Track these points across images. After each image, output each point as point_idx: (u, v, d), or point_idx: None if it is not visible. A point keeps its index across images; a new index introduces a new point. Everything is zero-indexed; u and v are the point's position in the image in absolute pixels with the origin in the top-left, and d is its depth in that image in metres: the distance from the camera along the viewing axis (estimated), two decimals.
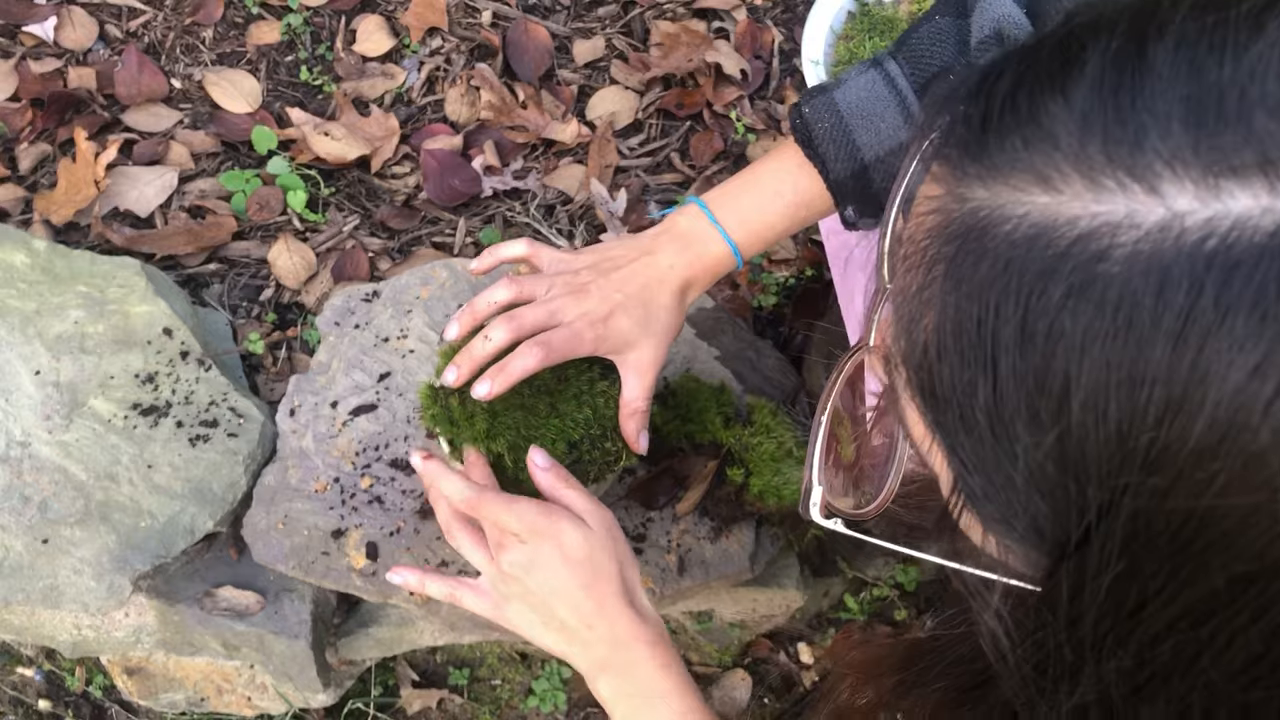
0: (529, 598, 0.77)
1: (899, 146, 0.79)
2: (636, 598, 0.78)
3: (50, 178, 1.32)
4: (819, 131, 0.82)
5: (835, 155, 0.81)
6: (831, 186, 0.82)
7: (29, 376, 1.11)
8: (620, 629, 0.75)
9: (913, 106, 0.79)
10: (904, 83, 0.79)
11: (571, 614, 0.76)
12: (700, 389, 1.10)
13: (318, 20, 1.46)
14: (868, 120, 0.80)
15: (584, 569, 0.76)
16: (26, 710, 1.44)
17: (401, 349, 1.15)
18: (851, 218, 0.84)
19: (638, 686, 0.75)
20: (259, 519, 1.07)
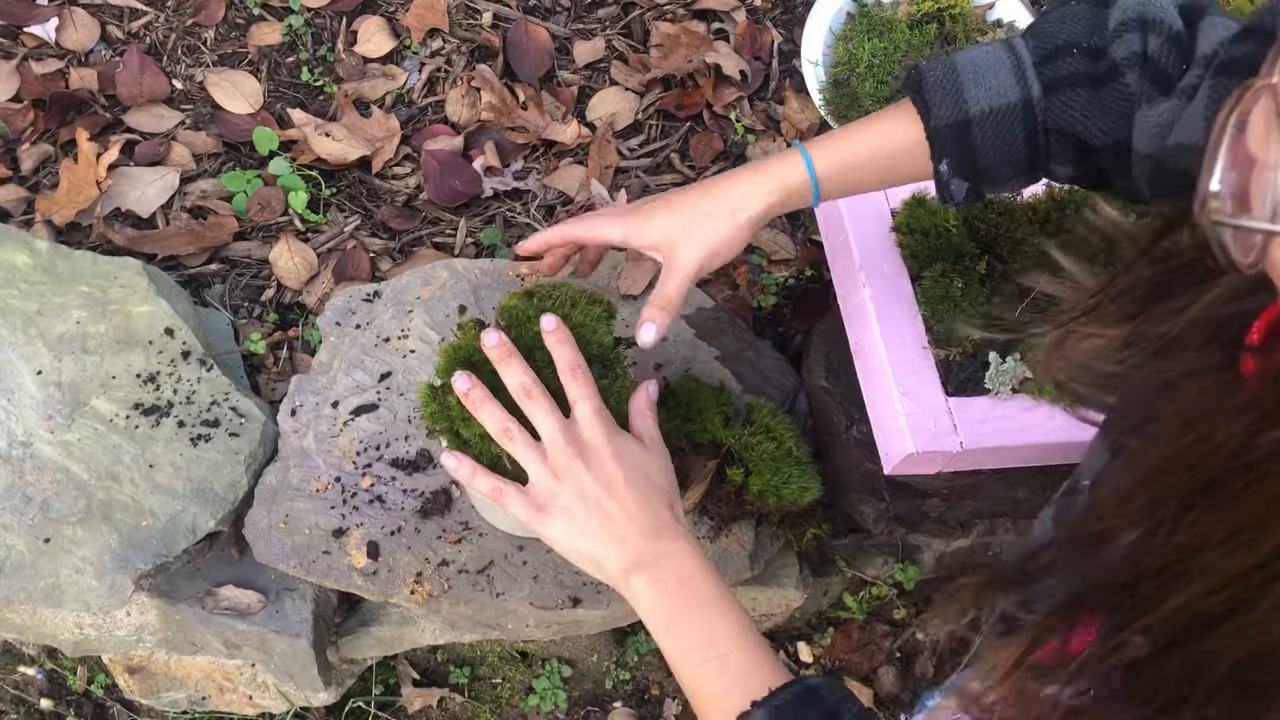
0: (580, 489, 0.79)
1: (1007, 108, 0.79)
2: (679, 516, 0.81)
3: (52, 178, 1.32)
4: (930, 79, 0.82)
5: (940, 101, 0.81)
6: (931, 133, 0.82)
7: (31, 376, 1.11)
8: (664, 529, 0.78)
9: (1028, 73, 0.79)
10: (1025, 52, 0.80)
11: (617, 507, 0.78)
12: (700, 389, 1.10)
13: (319, 21, 1.46)
14: (979, 75, 0.80)
15: (636, 474, 0.80)
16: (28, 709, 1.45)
17: (402, 349, 1.15)
18: (945, 175, 0.83)
19: (671, 574, 0.77)
20: (260, 518, 1.07)
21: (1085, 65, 0.77)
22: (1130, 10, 0.76)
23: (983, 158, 0.81)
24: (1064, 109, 0.78)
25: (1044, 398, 1.06)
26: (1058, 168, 0.82)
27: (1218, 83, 0.66)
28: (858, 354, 1.12)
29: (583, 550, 0.79)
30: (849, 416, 1.14)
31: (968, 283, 1.09)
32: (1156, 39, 0.74)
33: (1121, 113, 0.76)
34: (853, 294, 1.12)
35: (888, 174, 0.87)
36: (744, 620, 0.76)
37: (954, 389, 1.06)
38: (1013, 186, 0.85)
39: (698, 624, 0.75)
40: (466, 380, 0.85)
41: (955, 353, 1.07)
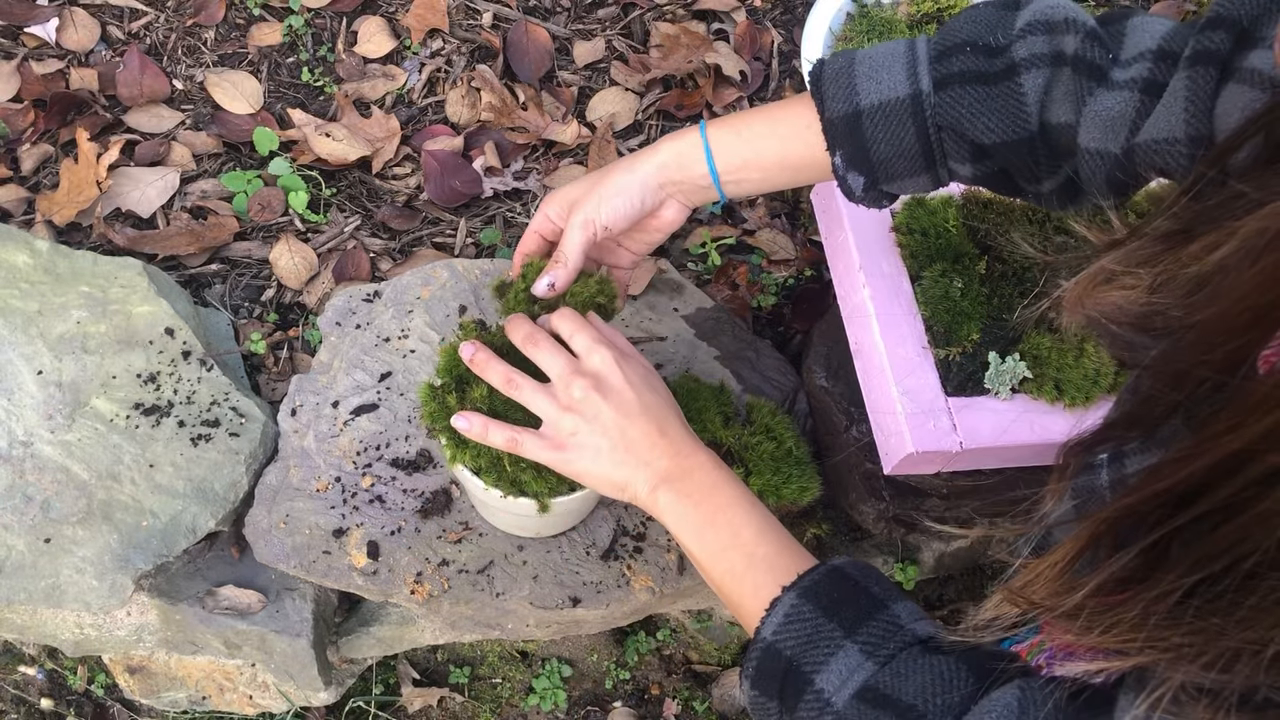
0: (599, 420, 0.82)
1: (896, 101, 0.80)
2: (687, 426, 0.85)
3: (52, 178, 1.32)
4: (828, 71, 0.84)
5: (834, 94, 0.82)
6: (825, 125, 0.83)
7: (31, 376, 1.11)
8: (683, 444, 0.82)
9: (920, 69, 0.79)
10: (923, 49, 0.81)
11: (639, 433, 0.81)
12: (700, 389, 1.10)
13: (319, 22, 1.46)
14: (874, 69, 0.81)
15: (648, 394, 0.83)
16: (29, 709, 1.45)
17: (403, 349, 1.15)
18: (840, 169, 0.84)
19: (696, 485, 0.80)
20: (260, 518, 1.07)
21: (979, 63, 0.77)
22: (1038, 14, 0.76)
23: (875, 151, 0.82)
24: (951, 105, 0.78)
25: (1044, 398, 1.06)
26: (957, 166, 0.82)
27: (1194, 74, 0.66)
28: (857, 354, 1.12)
29: (613, 478, 0.82)
30: (849, 416, 1.14)
31: (968, 283, 1.09)
32: (1074, 38, 0.74)
33: (1010, 113, 0.76)
34: (852, 294, 1.12)
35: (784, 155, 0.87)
36: (767, 517, 0.79)
37: (954, 389, 1.06)
38: (915, 185, 0.85)
39: (724, 526, 0.78)
40: (471, 346, 0.87)
41: (955, 353, 1.07)
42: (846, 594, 0.70)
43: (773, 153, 0.87)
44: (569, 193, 0.92)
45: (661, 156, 0.89)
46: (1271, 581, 0.42)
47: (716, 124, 0.88)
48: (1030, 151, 0.77)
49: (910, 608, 0.70)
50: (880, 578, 0.73)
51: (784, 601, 0.71)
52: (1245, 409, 0.43)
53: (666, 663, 1.49)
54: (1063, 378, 1.06)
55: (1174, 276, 0.52)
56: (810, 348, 1.22)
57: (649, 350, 1.17)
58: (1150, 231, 0.56)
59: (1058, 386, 1.06)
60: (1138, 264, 0.55)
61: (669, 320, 1.20)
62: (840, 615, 0.69)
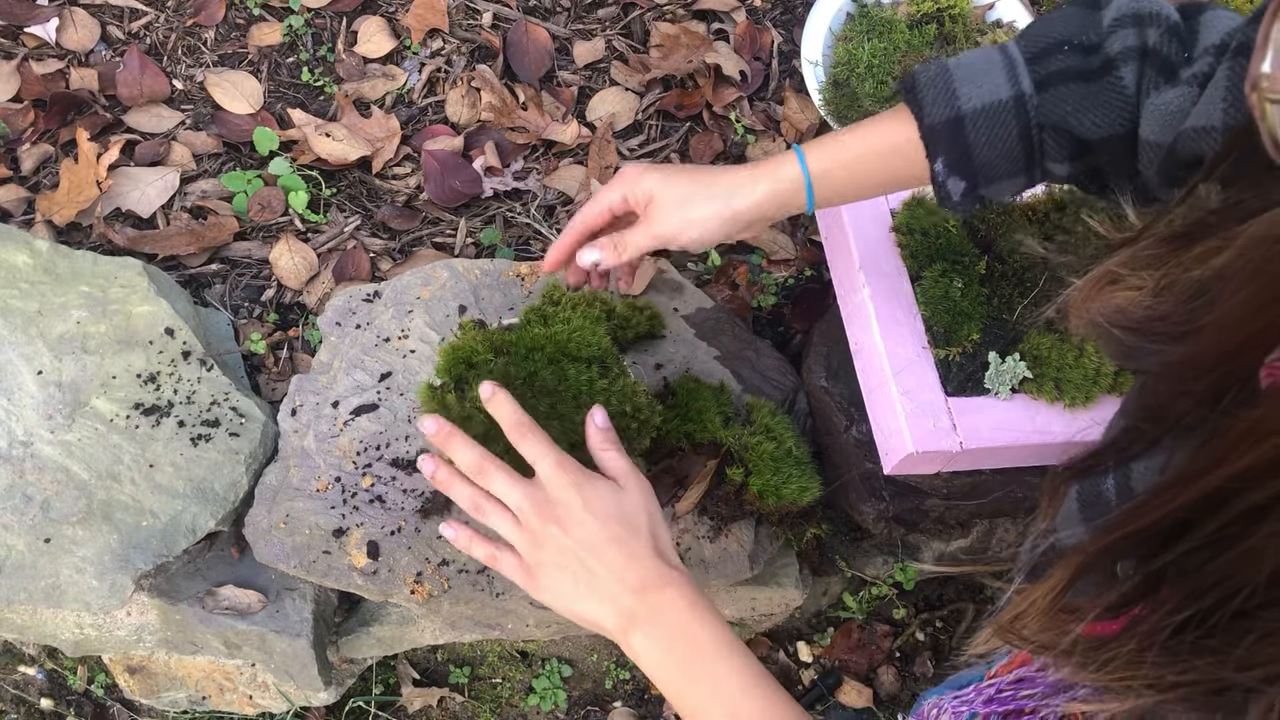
0: (562, 554, 0.77)
1: (999, 104, 0.79)
2: (666, 555, 0.79)
3: (52, 178, 1.32)
4: (922, 79, 0.83)
5: (933, 99, 0.82)
6: (925, 131, 0.83)
7: (31, 376, 1.11)
8: (650, 577, 0.76)
9: (1019, 70, 0.79)
10: (1016, 52, 0.81)
11: (603, 566, 0.76)
12: (700, 389, 1.10)
13: (319, 22, 1.46)
14: (971, 74, 0.81)
15: (615, 523, 0.78)
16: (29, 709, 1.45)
17: (403, 349, 1.15)
18: (941, 174, 0.83)
19: (666, 628, 0.75)
20: (260, 518, 1.07)
21: (1078, 60, 0.78)
22: (1124, 8, 0.77)
23: (978, 155, 0.82)
24: (1056, 104, 0.78)
25: (1044, 398, 1.06)
26: (1054, 165, 0.82)
27: (1236, 63, 0.67)
28: (857, 354, 1.12)
29: (580, 614, 0.78)
30: (849, 416, 1.14)
31: (968, 283, 1.09)
32: (1156, 31, 0.75)
33: (1115, 106, 0.76)
34: (852, 294, 1.12)
35: (882, 173, 0.88)
36: (750, 665, 0.74)
37: (954, 389, 1.06)
38: (1010, 187, 0.85)
39: (703, 679, 0.73)
40: (430, 463, 0.84)
41: (955, 353, 1.07)
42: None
43: (870, 175, 0.87)
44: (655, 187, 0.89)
45: (759, 194, 0.88)
46: (1260, 622, 0.42)
47: (815, 154, 0.88)
48: (1132, 144, 0.77)
49: None
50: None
51: None
52: (1227, 444, 0.42)
53: None
54: (1063, 378, 1.06)
55: (1177, 280, 0.52)
56: (810, 348, 1.22)
57: (649, 350, 1.18)
58: (1154, 233, 0.56)
59: (1058, 386, 1.06)
60: (1142, 266, 0.55)
61: (669, 320, 1.20)
62: None
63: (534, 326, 0.91)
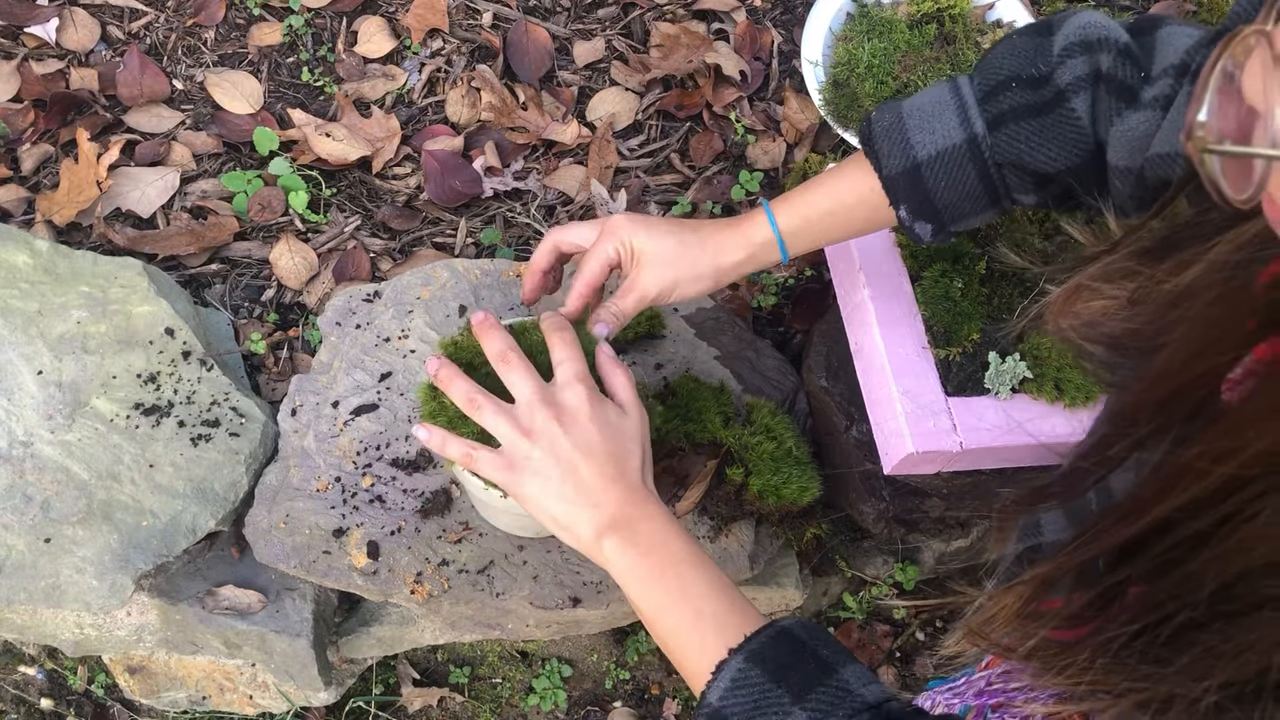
0: (555, 451, 0.79)
1: (953, 149, 0.80)
2: (649, 485, 0.81)
3: (52, 178, 1.32)
4: (878, 129, 0.84)
5: (889, 151, 0.83)
6: (885, 182, 0.84)
7: (31, 376, 1.11)
8: (635, 492, 0.79)
9: (971, 112, 0.80)
10: (968, 91, 0.81)
11: (593, 473, 0.78)
12: (700, 389, 1.10)
13: (319, 22, 1.46)
14: (924, 120, 0.82)
15: (613, 440, 0.80)
16: (29, 709, 1.45)
17: (403, 349, 1.15)
18: (906, 220, 0.85)
19: (641, 537, 0.77)
20: (260, 518, 1.07)
21: (1027, 96, 0.78)
22: (1072, 35, 0.77)
23: (939, 199, 0.83)
24: (1010, 143, 0.79)
25: (1044, 398, 1.06)
26: (1021, 197, 0.83)
27: None
28: (857, 354, 1.12)
29: (555, 514, 0.79)
30: (849, 416, 1.14)
31: (967, 283, 1.09)
32: (1108, 56, 0.74)
33: (1070, 139, 0.76)
34: (852, 294, 1.12)
35: (850, 223, 0.90)
36: (716, 574, 0.76)
37: (954, 389, 1.06)
38: (980, 220, 0.86)
39: (672, 581, 0.75)
40: (436, 361, 0.86)
41: (955, 353, 1.07)
42: (794, 658, 0.68)
43: (840, 227, 0.90)
44: (643, 244, 0.91)
45: (738, 256, 0.91)
46: (1202, 637, 0.43)
47: (785, 213, 0.90)
48: (1095, 169, 0.78)
49: (860, 671, 0.68)
50: (829, 640, 0.70)
51: (731, 665, 0.69)
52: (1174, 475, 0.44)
53: (666, 663, 1.49)
54: (1063, 378, 1.06)
55: (1151, 293, 0.53)
56: (810, 348, 1.22)
57: (649, 350, 1.18)
58: (1129, 246, 0.56)
59: (1058, 386, 1.06)
60: (1117, 279, 0.56)
61: (669, 320, 1.20)
62: (788, 681, 0.67)
63: (534, 332, 0.91)
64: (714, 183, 1.39)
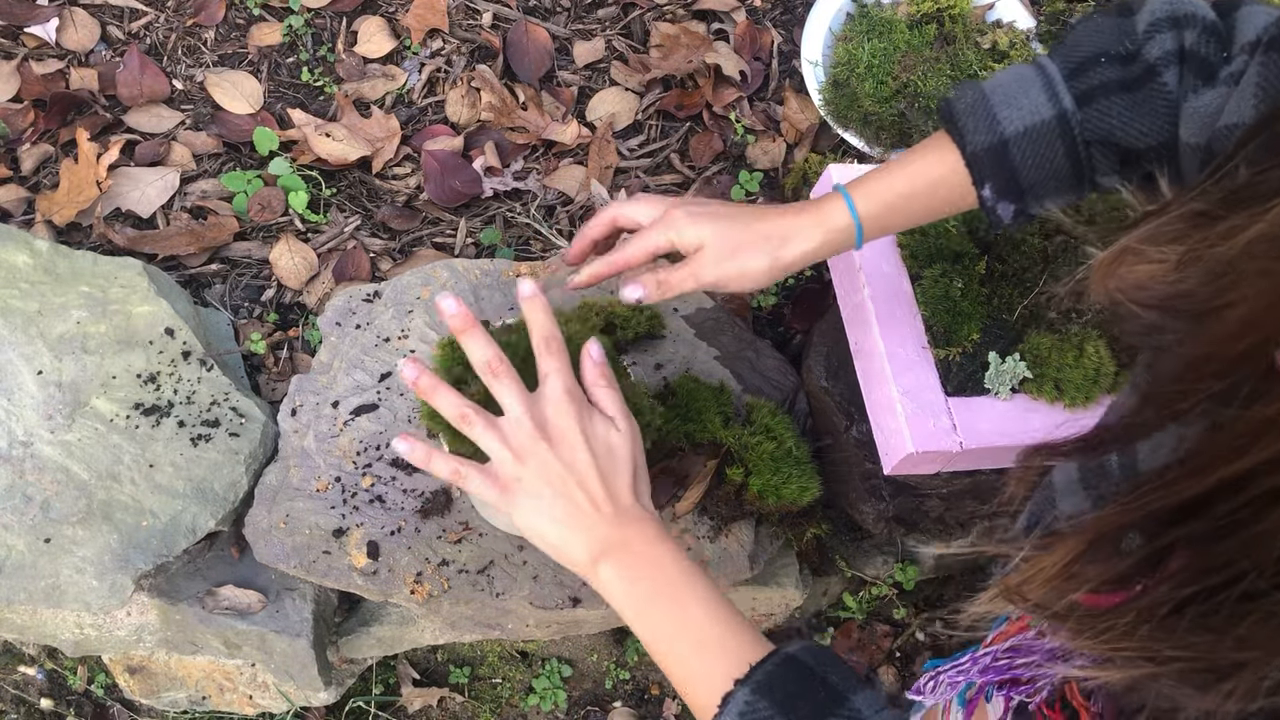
0: (546, 473, 0.77)
1: (1042, 124, 0.78)
2: (642, 499, 0.79)
3: (52, 178, 1.32)
4: (960, 107, 0.82)
5: (974, 127, 0.81)
6: (969, 160, 0.82)
7: (31, 376, 1.11)
8: (626, 512, 0.77)
9: (1059, 88, 0.78)
10: (1053, 69, 0.80)
11: (583, 495, 0.76)
12: (700, 389, 1.10)
13: (319, 22, 1.46)
14: (1010, 96, 0.80)
15: (605, 458, 0.78)
16: (29, 709, 1.45)
17: (403, 349, 1.15)
18: (990, 200, 0.83)
19: (636, 559, 0.75)
20: (260, 518, 1.07)
21: (1117, 72, 0.77)
22: (1159, 11, 0.76)
23: (1025, 177, 0.81)
24: (1101, 118, 0.77)
25: (1044, 398, 1.06)
26: (1103, 179, 0.81)
27: (1268, 59, 0.66)
28: (857, 354, 1.12)
29: (548, 536, 0.77)
30: (849, 416, 1.14)
31: (968, 283, 1.09)
32: (1193, 32, 0.74)
33: (1162, 113, 0.75)
34: (853, 294, 1.12)
35: (930, 206, 0.86)
36: (715, 597, 0.74)
37: (954, 389, 1.06)
38: (1059, 203, 0.84)
39: (669, 606, 0.74)
40: (413, 368, 0.81)
41: (955, 353, 1.07)
42: (803, 687, 0.66)
43: (920, 211, 0.87)
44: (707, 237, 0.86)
45: (813, 244, 0.87)
46: (1270, 603, 0.42)
47: (863, 198, 0.86)
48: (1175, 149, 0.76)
49: (870, 698, 0.66)
50: (837, 664, 0.68)
51: (737, 699, 0.67)
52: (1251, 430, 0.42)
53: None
54: (1063, 378, 1.06)
55: (1201, 255, 0.51)
56: (810, 348, 1.22)
57: (649, 350, 1.18)
58: (1180, 208, 0.55)
59: (1058, 386, 1.06)
60: (1166, 241, 0.54)
61: (669, 320, 1.20)
62: (797, 712, 0.65)
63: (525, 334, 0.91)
64: (714, 183, 1.39)
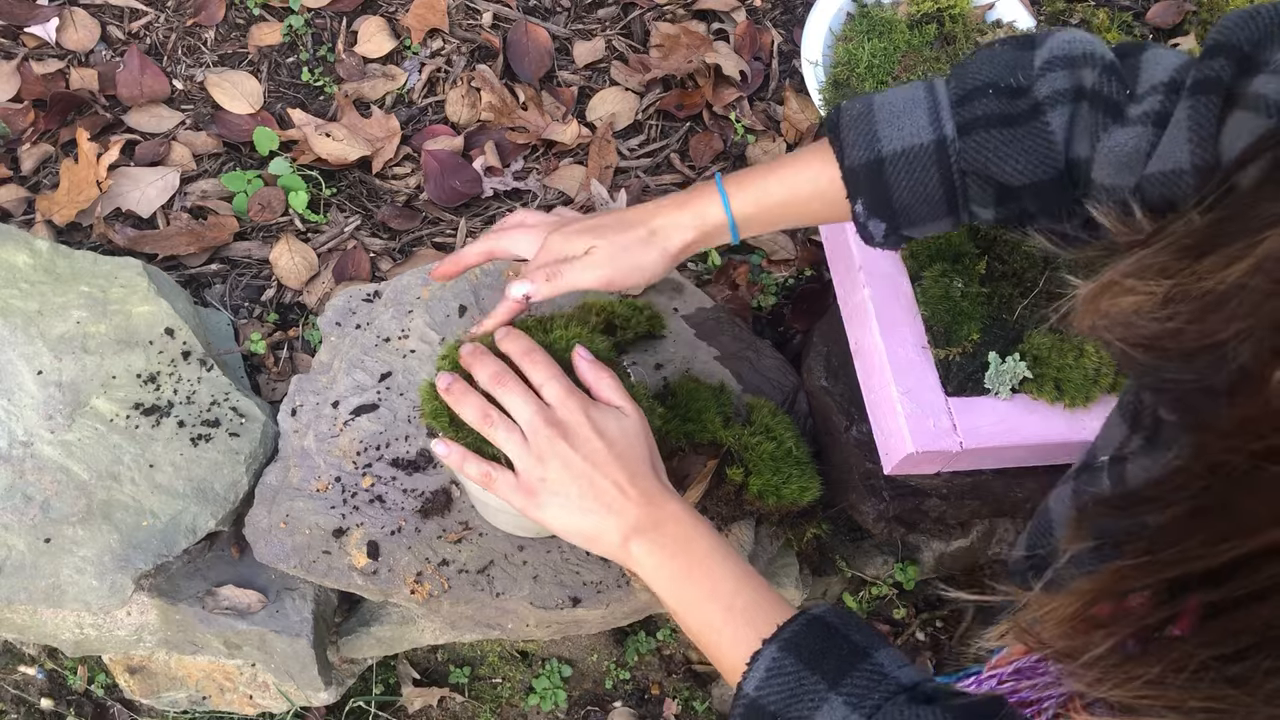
0: (569, 469, 0.80)
1: (920, 148, 0.79)
2: (663, 477, 0.82)
3: (53, 178, 1.32)
4: (846, 118, 0.82)
5: (854, 141, 0.81)
6: (845, 173, 0.82)
7: (31, 376, 1.11)
8: (655, 494, 0.80)
9: (943, 114, 0.78)
10: (943, 92, 0.80)
11: (608, 482, 0.79)
12: (700, 389, 1.10)
13: (319, 22, 1.46)
14: (895, 116, 0.80)
15: (620, 444, 0.81)
16: (29, 709, 1.45)
17: (403, 349, 1.15)
18: (861, 216, 0.83)
19: (668, 537, 0.78)
20: (261, 518, 1.07)
21: (1002, 105, 0.76)
22: (1056, 50, 0.75)
23: (897, 198, 0.81)
24: (978, 150, 0.77)
25: (1044, 398, 1.06)
26: (979, 210, 0.81)
27: (1196, 102, 0.65)
28: (857, 354, 1.12)
29: (582, 528, 0.80)
30: (849, 416, 1.14)
31: (968, 283, 1.09)
32: (1092, 72, 0.73)
33: (1040, 153, 0.75)
34: (852, 294, 1.12)
35: (806, 213, 0.88)
36: (744, 567, 0.77)
37: (954, 389, 1.06)
38: (934, 229, 0.84)
39: (701, 579, 0.77)
40: (448, 377, 0.86)
41: (955, 353, 1.07)
42: (828, 644, 0.69)
43: (793, 217, 0.88)
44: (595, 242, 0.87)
45: (689, 236, 0.88)
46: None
47: (739, 196, 0.87)
48: (1059, 189, 0.76)
49: (893, 654, 0.68)
50: (860, 624, 0.71)
51: (765, 655, 0.70)
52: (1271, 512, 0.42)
53: (666, 663, 1.49)
54: (1063, 378, 1.06)
55: (1189, 290, 0.51)
56: (810, 348, 1.22)
57: (649, 350, 1.17)
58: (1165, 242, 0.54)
59: (1058, 386, 1.06)
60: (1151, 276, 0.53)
61: (669, 320, 1.20)
62: (823, 667, 0.67)
63: (534, 334, 0.91)
64: None
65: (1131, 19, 1.52)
